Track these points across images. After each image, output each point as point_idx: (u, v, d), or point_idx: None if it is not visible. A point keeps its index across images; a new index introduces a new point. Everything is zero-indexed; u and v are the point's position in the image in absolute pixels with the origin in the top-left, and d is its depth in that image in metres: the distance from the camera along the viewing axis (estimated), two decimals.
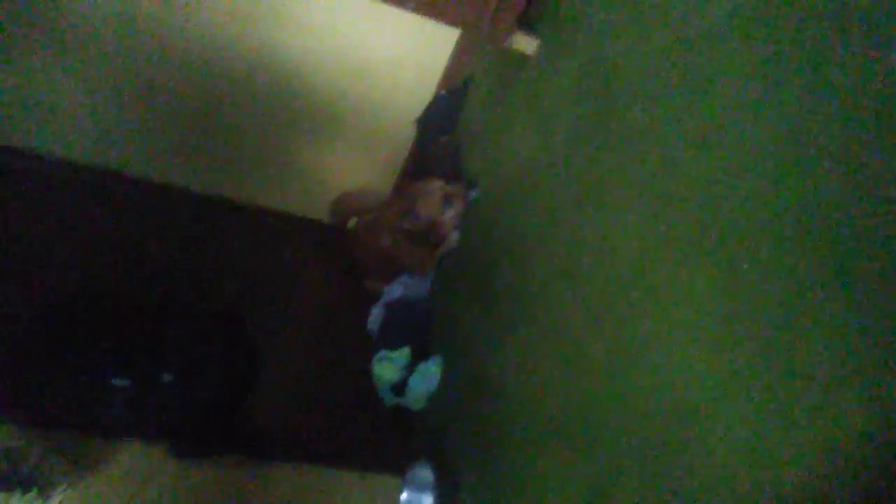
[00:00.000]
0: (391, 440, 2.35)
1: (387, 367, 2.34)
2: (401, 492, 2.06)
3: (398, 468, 2.13)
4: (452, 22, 2.06)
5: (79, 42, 2.26)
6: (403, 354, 2.35)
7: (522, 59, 2.05)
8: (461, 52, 2.44)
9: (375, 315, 2.54)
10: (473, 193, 2.33)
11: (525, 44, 2.01)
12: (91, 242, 2.39)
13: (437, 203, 2.36)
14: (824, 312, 0.91)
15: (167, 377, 1.98)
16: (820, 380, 0.90)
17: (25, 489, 1.63)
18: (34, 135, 2.49)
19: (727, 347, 1.08)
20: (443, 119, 2.64)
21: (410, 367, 2.33)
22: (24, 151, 2.50)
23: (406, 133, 2.75)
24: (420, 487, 2.04)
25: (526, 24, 2.01)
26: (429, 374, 2.28)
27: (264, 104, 2.57)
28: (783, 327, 0.97)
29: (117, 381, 1.90)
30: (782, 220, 1.00)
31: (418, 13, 1.99)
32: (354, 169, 2.92)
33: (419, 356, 2.36)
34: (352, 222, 2.81)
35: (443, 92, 2.58)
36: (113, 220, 2.51)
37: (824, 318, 0.90)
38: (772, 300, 1.00)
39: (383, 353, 2.38)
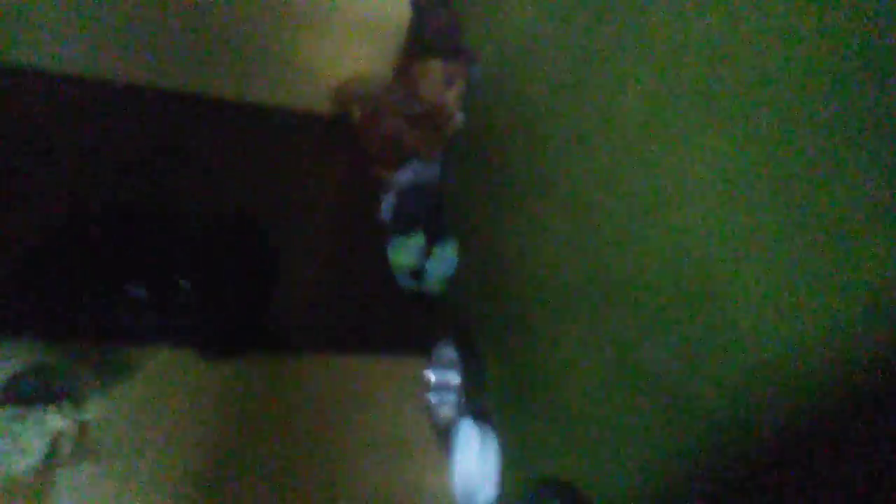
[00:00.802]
0: (414, 324, 2.38)
1: (403, 252, 2.34)
2: (427, 371, 2.12)
3: (423, 350, 2.18)
4: None
5: None
6: (418, 239, 2.34)
7: None
8: None
9: (387, 203, 2.52)
10: (476, 69, 2.24)
11: None
12: (90, 155, 2.35)
13: (439, 84, 2.29)
14: (846, 160, 0.86)
15: (185, 284, 1.99)
16: (842, 230, 0.87)
17: (59, 403, 1.68)
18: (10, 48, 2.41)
19: (744, 202, 1.04)
20: None
21: (427, 252, 2.33)
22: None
23: (401, 12, 2.62)
24: (446, 366, 2.10)
25: None
26: (445, 257, 2.29)
27: None
28: (802, 177, 0.93)
29: (135, 291, 1.92)
30: (801, 60, 0.93)
31: None
32: (352, 55, 2.81)
33: (434, 240, 2.36)
34: (355, 111, 2.73)
35: None
36: (110, 131, 2.45)
37: (846, 166, 0.86)
38: (791, 149, 0.95)
39: (398, 239, 2.38)
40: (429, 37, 2.59)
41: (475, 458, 1.87)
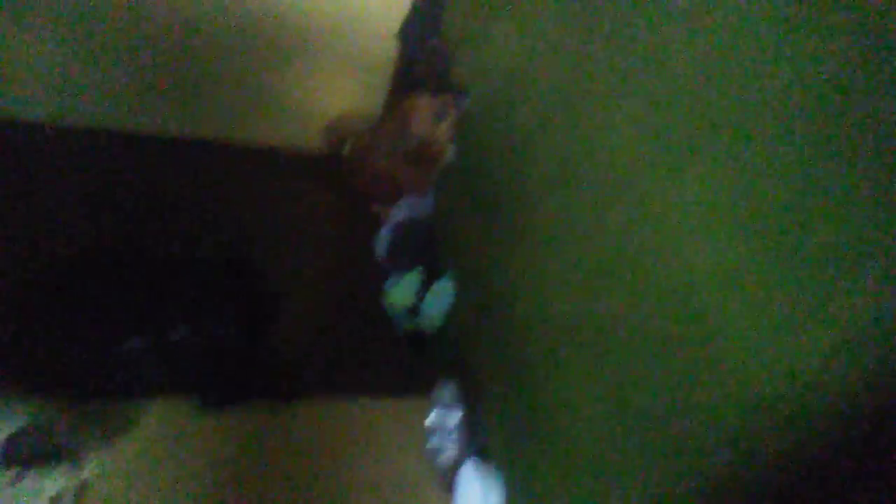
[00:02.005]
0: (413, 363, 2.36)
1: (399, 291, 2.33)
2: (429, 412, 2.10)
3: (423, 390, 2.16)
4: None
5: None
6: (414, 277, 2.33)
7: None
8: None
9: (382, 240, 2.51)
10: (465, 104, 2.24)
11: None
12: (82, 204, 2.35)
13: (430, 118, 2.28)
14: (831, 198, 0.85)
15: (181, 331, 1.98)
16: (830, 268, 0.86)
17: (56, 462, 1.66)
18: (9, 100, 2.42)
19: (734, 241, 1.03)
20: (425, 27, 2.51)
21: (423, 289, 2.32)
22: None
23: (390, 48, 2.63)
24: (446, 406, 2.07)
25: None
26: (441, 294, 2.27)
27: (240, 37, 2.45)
28: (789, 216, 0.92)
29: (130, 343, 1.91)
30: (782, 101, 0.92)
31: None
32: (342, 92, 2.82)
33: (430, 277, 2.34)
34: (346, 148, 2.74)
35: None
36: (102, 179, 2.46)
37: (831, 204, 0.85)
38: (776, 188, 0.94)
39: (394, 277, 2.36)
40: (418, 71, 2.60)
41: (478, 499, 1.85)
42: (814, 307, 0.88)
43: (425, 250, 2.44)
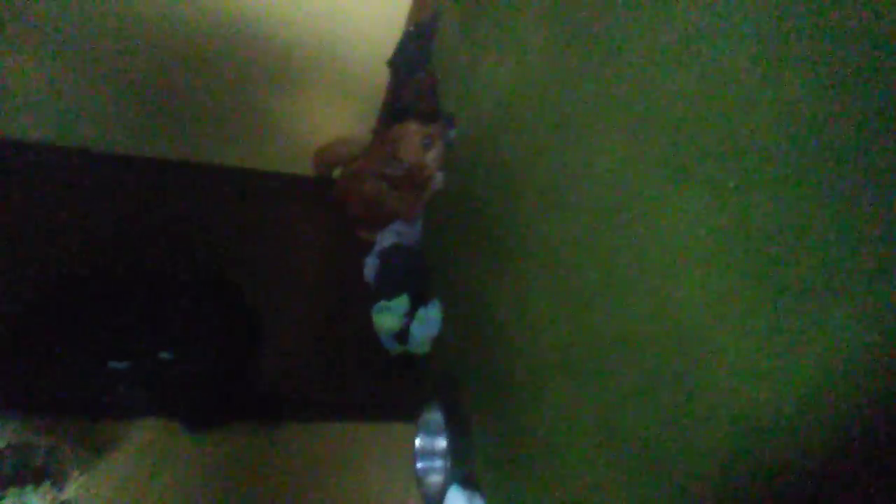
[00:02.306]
0: (400, 388, 2.36)
1: (387, 316, 2.33)
2: (414, 437, 2.09)
3: (410, 415, 2.15)
4: None
5: (35, 21, 2.17)
6: (402, 302, 2.34)
7: None
8: None
9: (370, 265, 2.52)
10: (453, 132, 2.27)
11: None
12: (69, 226, 2.35)
13: (418, 146, 2.31)
14: (814, 225, 0.87)
15: (166, 355, 1.97)
16: (814, 295, 0.88)
17: (38, 482, 1.64)
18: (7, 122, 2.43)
19: (719, 267, 1.05)
20: (415, 57, 2.55)
21: (411, 314, 2.33)
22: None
23: (380, 75, 2.67)
24: (433, 431, 2.07)
25: None
26: (429, 319, 2.28)
27: (232, 63, 2.49)
28: (773, 243, 0.94)
29: (115, 365, 1.90)
30: (764, 133, 0.96)
31: None
32: (332, 118, 2.85)
33: (418, 302, 2.35)
34: (337, 173, 2.76)
35: (412, 28, 2.49)
36: (88, 200, 2.46)
37: (814, 232, 0.87)
38: (759, 215, 0.96)
39: (382, 303, 2.37)
40: (407, 99, 2.63)
41: None
42: (802, 331, 0.90)
43: (413, 275, 2.46)
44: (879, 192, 0.79)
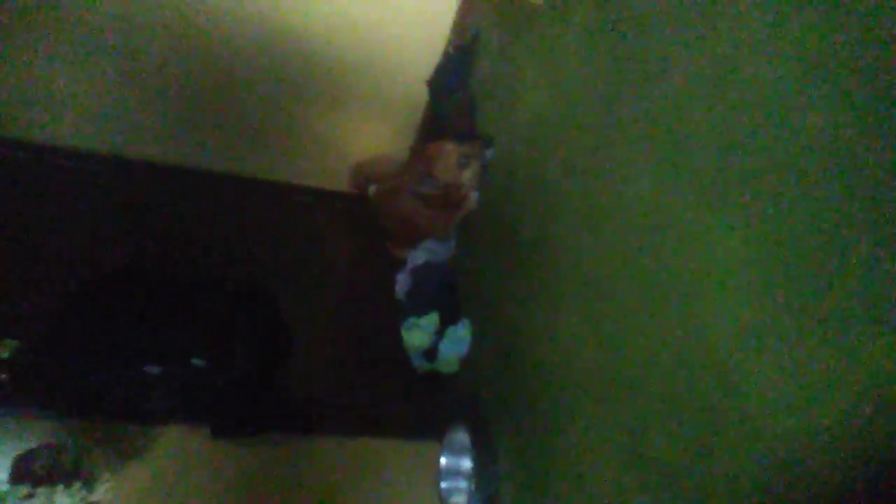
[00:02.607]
0: (427, 406, 2.36)
1: (416, 333, 2.34)
2: (439, 457, 2.08)
3: (436, 433, 2.15)
4: None
5: (78, 27, 2.24)
6: (432, 320, 2.34)
7: (530, 9, 1.98)
8: (467, 6, 2.37)
9: (402, 282, 2.53)
10: (490, 152, 2.28)
11: None
12: (111, 232, 2.41)
13: (454, 165, 2.32)
14: (852, 254, 0.86)
15: (198, 362, 2.00)
16: (851, 325, 0.86)
17: (68, 483, 1.66)
18: (47, 128, 2.50)
19: (755, 294, 1.04)
20: (454, 77, 2.57)
21: (440, 332, 2.33)
22: (30, 144, 2.51)
23: (419, 94, 2.70)
24: (458, 451, 2.05)
25: None
26: (458, 339, 2.28)
27: (273, 77, 2.54)
28: (812, 272, 0.93)
29: (149, 369, 1.93)
30: (805, 160, 0.95)
31: None
32: (370, 135, 2.89)
33: (448, 320, 2.35)
34: (372, 189, 2.78)
35: (452, 49, 2.52)
36: (131, 208, 2.52)
37: (854, 262, 0.86)
38: (798, 243, 0.95)
39: (412, 320, 2.38)
40: (445, 119, 2.66)
41: None
42: (839, 362, 0.88)
43: (444, 294, 2.46)
44: None
